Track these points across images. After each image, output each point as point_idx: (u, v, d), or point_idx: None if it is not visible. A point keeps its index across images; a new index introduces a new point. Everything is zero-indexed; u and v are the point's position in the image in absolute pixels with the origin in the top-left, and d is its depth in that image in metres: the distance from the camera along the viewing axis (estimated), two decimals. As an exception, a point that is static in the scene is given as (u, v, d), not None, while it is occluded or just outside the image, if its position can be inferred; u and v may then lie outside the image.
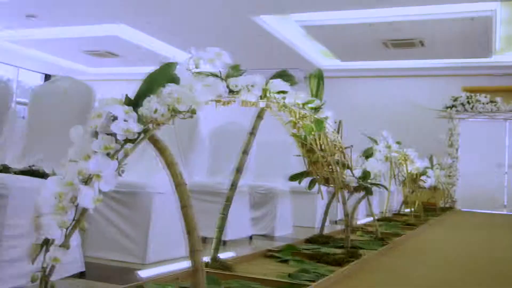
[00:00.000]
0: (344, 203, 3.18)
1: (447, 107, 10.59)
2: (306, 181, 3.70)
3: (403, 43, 9.61)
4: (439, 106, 10.75)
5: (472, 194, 10.44)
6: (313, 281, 2.47)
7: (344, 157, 3.24)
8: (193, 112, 1.84)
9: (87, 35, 10.12)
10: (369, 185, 4.02)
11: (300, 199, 5.15)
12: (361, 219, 6.35)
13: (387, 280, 2.82)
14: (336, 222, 6.08)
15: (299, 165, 3.60)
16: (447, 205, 10.20)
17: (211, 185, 3.86)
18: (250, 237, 4.22)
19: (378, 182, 4.35)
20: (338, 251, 3.35)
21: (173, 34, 9.84)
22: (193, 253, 1.66)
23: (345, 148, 3.23)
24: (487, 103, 10.34)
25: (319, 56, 11.70)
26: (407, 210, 8.85)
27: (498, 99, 10.37)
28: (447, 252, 4.18)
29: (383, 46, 9.92)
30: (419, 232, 5.32)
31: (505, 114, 10.29)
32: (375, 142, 5.01)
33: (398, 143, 5.72)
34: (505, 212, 10.18)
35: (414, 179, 6.45)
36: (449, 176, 10.34)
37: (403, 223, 5.82)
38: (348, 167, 3.38)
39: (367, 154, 4.85)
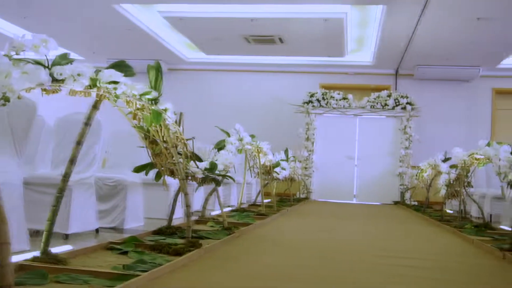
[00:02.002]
0: (185, 194, 3.23)
1: (304, 103, 11.13)
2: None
3: (263, 39, 9.92)
4: (298, 102, 11.28)
5: (326, 185, 11.10)
6: (147, 271, 2.49)
7: (187, 149, 3.28)
8: (6, 99, 1.77)
9: None
10: (216, 177, 4.12)
11: (153, 190, 5.12)
12: (217, 210, 6.47)
13: (226, 267, 2.92)
14: (192, 213, 6.14)
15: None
16: (303, 196, 10.75)
17: (53, 177, 3.71)
18: (97, 230, 4.13)
19: (226, 174, 4.46)
20: (181, 241, 3.40)
21: (32, 20, 9.28)
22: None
23: (187, 139, 3.28)
24: (340, 100, 11.04)
25: (184, 49, 11.69)
26: (265, 201, 9.19)
27: (350, 96, 11.11)
28: (290, 238, 4.42)
29: (245, 41, 10.17)
30: (268, 222, 5.55)
31: (356, 110, 11.06)
32: (228, 134, 5.14)
33: (252, 136, 5.92)
34: (354, 202, 10.96)
35: (268, 171, 6.70)
36: (306, 168, 10.90)
37: (255, 213, 6.03)
38: (192, 159, 3.44)
39: (219, 146, 4.95)
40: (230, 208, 6.88)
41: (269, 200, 7.69)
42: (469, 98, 11.80)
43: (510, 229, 5.40)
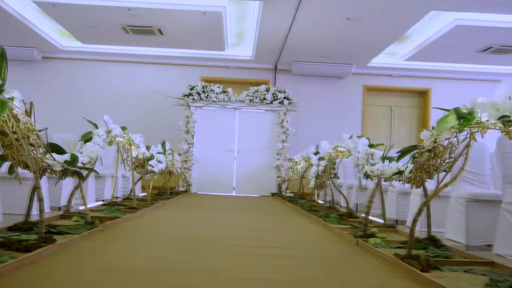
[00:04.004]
0: (37, 188, 3.08)
1: (184, 95, 11.08)
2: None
3: (142, 29, 9.73)
4: (178, 94, 11.20)
5: (206, 178, 11.15)
6: (-14, 269, 2.35)
7: (40, 140, 3.13)
8: None
9: None
10: (78, 169, 3.97)
11: (11, 184, 4.84)
12: (88, 204, 6.25)
13: (80, 262, 2.82)
14: (59, 208, 5.90)
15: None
16: (183, 189, 10.71)
17: None
18: None
19: (91, 167, 4.32)
20: (36, 237, 3.24)
21: None
22: None
23: (40, 130, 3.12)
24: (220, 93, 11.13)
25: (58, 37, 11.16)
26: (141, 194, 9.06)
27: (229, 89, 11.23)
28: (158, 232, 4.37)
29: (123, 31, 9.91)
30: (138, 215, 5.47)
31: (235, 104, 11.20)
32: (95, 126, 4.97)
33: (123, 128, 5.78)
34: (234, 194, 11.11)
35: (141, 164, 6.58)
36: (185, 161, 10.86)
37: (127, 207, 5.91)
38: (48, 151, 3.28)
39: (86, 138, 4.78)
40: (101, 202, 6.68)
41: (136, 194, 7.57)
42: (342, 94, 12.43)
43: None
